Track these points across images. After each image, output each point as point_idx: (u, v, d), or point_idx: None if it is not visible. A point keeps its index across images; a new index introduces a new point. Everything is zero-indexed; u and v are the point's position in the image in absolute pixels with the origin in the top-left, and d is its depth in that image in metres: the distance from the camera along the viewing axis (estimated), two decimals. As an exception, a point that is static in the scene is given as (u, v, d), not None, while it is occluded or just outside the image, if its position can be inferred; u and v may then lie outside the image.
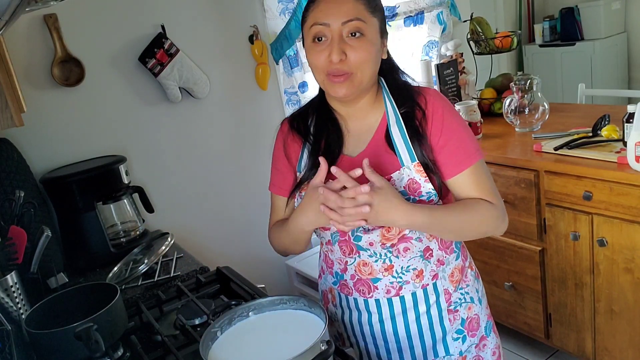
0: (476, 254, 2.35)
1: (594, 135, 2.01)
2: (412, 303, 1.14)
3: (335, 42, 1.05)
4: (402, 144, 1.09)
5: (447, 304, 1.16)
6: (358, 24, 1.05)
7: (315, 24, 1.06)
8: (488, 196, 1.09)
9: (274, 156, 1.24)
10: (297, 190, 1.17)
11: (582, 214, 1.88)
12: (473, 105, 2.35)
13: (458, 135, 1.10)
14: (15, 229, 1.31)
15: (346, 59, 1.05)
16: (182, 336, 1.23)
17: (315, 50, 1.07)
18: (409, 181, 1.08)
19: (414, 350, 1.17)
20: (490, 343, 1.24)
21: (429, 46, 2.93)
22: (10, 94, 1.19)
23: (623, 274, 1.82)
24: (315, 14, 1.07)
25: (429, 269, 1.13)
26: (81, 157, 1.97)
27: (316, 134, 1.17)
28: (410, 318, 1.15)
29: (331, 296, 1.24)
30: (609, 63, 3.74)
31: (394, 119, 1.11)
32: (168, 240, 1.71)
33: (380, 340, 1.18)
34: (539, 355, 2.33)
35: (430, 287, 1.14)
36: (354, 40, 1.05)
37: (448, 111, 1.11)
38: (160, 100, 2.16)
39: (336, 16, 1.04)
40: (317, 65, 1.08)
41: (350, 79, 1.06)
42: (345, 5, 1.05)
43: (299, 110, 1.24)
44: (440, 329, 1.16)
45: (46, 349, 1.07)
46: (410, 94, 1.14)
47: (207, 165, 2.31)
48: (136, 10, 2.06)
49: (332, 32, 1.05)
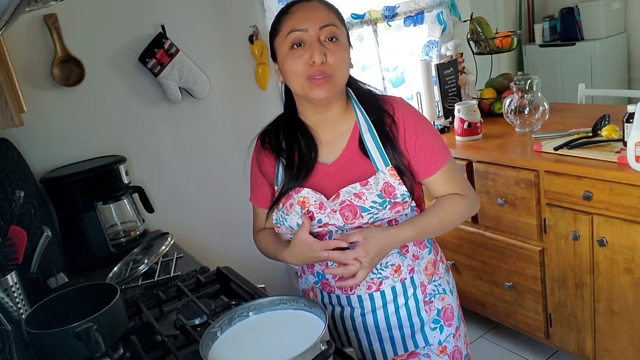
0: (476, 254, 2.35)
1: (594, 135, 2.01)
2: (392, 296, 1.21)
3: (315, 45, 1.10)
4: (376, 150, 1.16)
5: (422, 295, 1.23)
6: (333, 29, 1.12)
7: (292, 31, 1.11)
8: (461, 190, 1.21)
9: (251, 170, 1.31)
10: (275, 205, 1.22)
11: (582, 214, 1.88)
12: (473, 105, 2.35)
13: (430, 137, 1.19)
14: (15, 229, 1.31)
15: (326, 61, 1.10)
16: (182, 336, 1.23)
17: (294, 56, 1.12)
18: (384, 185, 1.14)
19: (394, 340, 1.23)
20: (461, 331, 1.33)
21: (429, 46, 2.93)
22: (10, 94, 1.19)
23: (623, 274, 1.82)
24: (291, 22, 1.12)
25: (406, 263, 1.21)
26: (81, 157, 1.97)
27: (288, 147, 1.22)
28: (390, 310, 1.21)
29: (312, 294, 1.30)
30: (609, 63, 3.74)
31: (365, 126, 1.18)
32: (168, 240, 1.71)
33: (362, 332, 1.24)
34: (539, 355, 2.33)
35: (407, 280, 1.21)
36: (331, 44, 1.12)
37: (417, 117, 1.20)
38: (160, 100, 2.16)
39: (313, 22, 1.11)
40: (296, 71, 1.12)
41: (330, 80, 1.12)
42: (320, 11, 1.13)
43: (269, 126, 1.29)
44: (418, 319, 1.23)
45: (46, 349, 1.07)
46: (377, 102, 1.21)
47: (207, 165, 2.31)
48: (136, 10, 2.06)
49: (310, 37, 1.11)
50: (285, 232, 1.23)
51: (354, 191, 1.14)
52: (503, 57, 3.49)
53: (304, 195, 1.16)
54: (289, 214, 1.18)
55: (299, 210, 1.16)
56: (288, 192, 1.18)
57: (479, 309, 2.46)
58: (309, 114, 1.21)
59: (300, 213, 1.16)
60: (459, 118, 2.35)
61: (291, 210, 1.17)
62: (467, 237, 2.37)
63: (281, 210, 1.20)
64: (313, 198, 1.16)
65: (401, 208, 1.15)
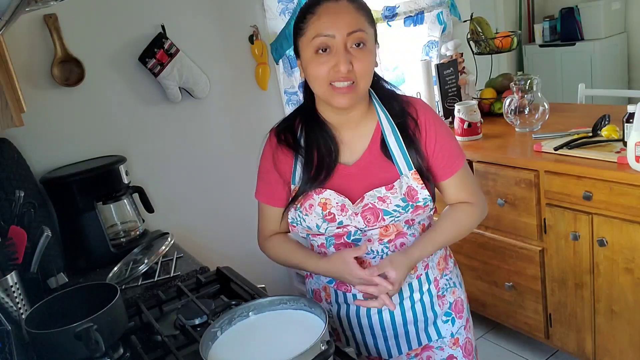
0: (476, 254, 2.35)
1: (594, 135, 2.01)
2: (409, 293, 1.21)
3: (341, 53, 1.06)
4: (399, 153, 1.14)
5: (436, 290, 1.24)
6: (361, 34, 1.07)
7: (318, 36, 1.07)
8: (472, 197, 1.21)
9: (261, 167, 1.25)
10: (293, 204, 1.18)
11: (582, 214, 1.88)
12: (473, 105, 2.35)
13: (448, 141, 1.19)
14: (15, 229, 1.31)
15: (352, 69, 1.07)
16: (182, 336, 1.23)
17: (319, 62, 1.08)
18: (407, 189, 1.13)
19: (408, 335, 1.24)
20: (471, 323, 1.36)
21: (429, 46, 2.93)
22: (10, 94, 1.19)
23: (623, 274, 1.82)
24: (317, 25, 1.07)
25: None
26: (81, 157, 1.97)
27: (308, 145, 1.18)
28: (406, 306, 1.21)
29: (325, 294, 1.27)
30: (609, 63, 3.74)
31: (389, 128, 1.16)
32: (168, 240, 1.71)
33: (377, 330, 1.23)
34: (539, 355, 2.33)
35: (423, 276, 1.22)
36: (357, 50, 1.08)
37: (437, 120, 1.19)
38: (160, 100, 2.16)
39: (340, 27, 1.06)
40: (320, 76, 1.09)
41: (354, 89, 1.09)
42: (349, 16, 1.07)
43: (284, 123, 1.24)
44: (432, 313, 1.24)
45: (46, 349, 1.07)
46: (401, 104, 1.19)
47: (207, 165, 2.31)
48: (136, 10, 2.06)
49: (336, 43, 1.06)
50: (301, 232, 1.20)
51: (379, 195, 1.12)
52: (503, 57, 3.49)
53: (326, 197, 1.13)
54: (308, 214, 1.15)
55: (320, 212, 1.13)
56: (307, 191, 1.14)
57: (479, 309, 2.45)
58: (329, 114, 1.18)
59: (321, 214, 1.13)
60: (459, 118, 2.35)
61: (311, 211, 1.14)
62: (467, 237, 2.33)
63: (299, 209, 1.16)
64: (335, 200, 1.13)
65: (422, 211, 1.15)
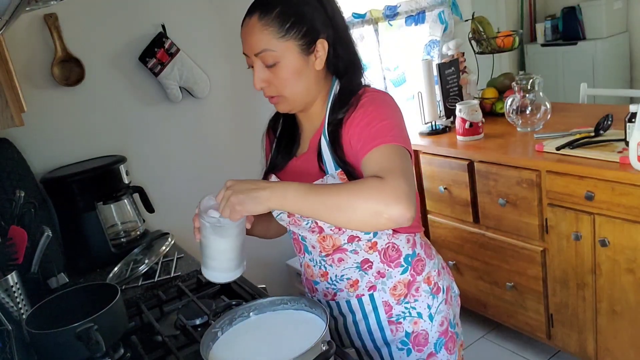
0: (477, 254, 2.35)
1: (596, 135, 2.00)
2: (347, 310, 1.20)
3: (255, 71, 1.06)
4: (328, 152, 1.09)
5: (386, 315, 1.18)
6: (268, 54, 1.03)
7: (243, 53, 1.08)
8: (384, 173, 0.93)
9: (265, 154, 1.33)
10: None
11: (584, 214, 1.88)
12: (474, 105, 2.34)
13: (374, 122, 1.02)
14: (16, 229, 1.31)
15: (269, 85, 1.07)
16: (183, 336, 1.23)
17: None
18: None
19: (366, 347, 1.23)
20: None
21: (430, 45, 2.92)
22: (10, 94, 1.19)
23: (625, 275, 1.82)
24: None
25: (366, 280, 1.15)
26: (81, 157, 1.97)
27: (281, 132, 1.23)
28: (348, 321, 1.21)
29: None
30: (611, 62, 3.73)
31: (326, 126, 1.11)
32: (168, 241, 1.71)
33: (357, 343, 1.24)
34: (541, 355, 2.33)
35: (366, 297, 1.17)
36: (270, 69, 1.05)
37: (369, 101, 1.06)
38: (161, 100, 2.15)
39: (248, 49, 1.05)
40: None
41: (282, 99, 1.09)
42: (252, 37, 1.03)
43: (276, 113, 1.27)
44: (381, 337, 1.19)
45: (47, 349, 1.07)
46: (348, 99, 1.08)
47: (208, 164, 2.30)
48: (136, 10, 2.05)
49: (252, 61, 1.06)
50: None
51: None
52: (505, 57, 3.48)
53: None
54: None
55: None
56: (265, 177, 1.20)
57: (480, 310, 2.45)
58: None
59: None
60: (460, 118, 2.34)
61: None
62: (468, 237, 2.37)
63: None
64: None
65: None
